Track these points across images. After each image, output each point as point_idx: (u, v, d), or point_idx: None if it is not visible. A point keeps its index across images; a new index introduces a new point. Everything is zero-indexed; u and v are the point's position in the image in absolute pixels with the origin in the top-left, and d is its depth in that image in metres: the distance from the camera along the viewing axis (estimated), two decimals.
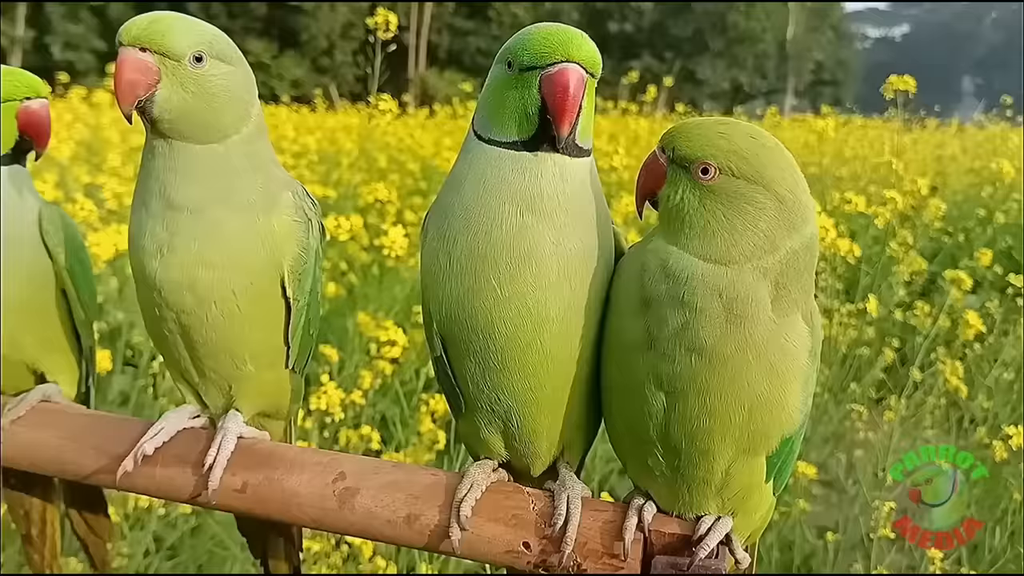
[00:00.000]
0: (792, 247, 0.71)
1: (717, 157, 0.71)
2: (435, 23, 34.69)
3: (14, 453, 0.95)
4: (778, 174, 0.71)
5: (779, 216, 0.71)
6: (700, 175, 0.72)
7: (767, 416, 0.73)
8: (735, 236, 0.71)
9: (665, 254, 0.73)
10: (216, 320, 0.85)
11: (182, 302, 0.85)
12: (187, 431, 0.91)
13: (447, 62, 34.37)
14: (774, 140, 0.73)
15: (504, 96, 0.77)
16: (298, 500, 0.84)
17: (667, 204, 0.74)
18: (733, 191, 0.71)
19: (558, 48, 0.74)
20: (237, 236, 0.84)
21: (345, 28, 30.36)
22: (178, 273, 0.83)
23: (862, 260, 2.98)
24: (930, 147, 8.13)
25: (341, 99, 13.85)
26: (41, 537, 1.13)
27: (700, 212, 0.72)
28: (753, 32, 37.66)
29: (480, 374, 0.80)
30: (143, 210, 0.85)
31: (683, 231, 0.73)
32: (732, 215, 0.71)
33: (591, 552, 0.77)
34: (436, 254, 0.79)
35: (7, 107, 0.97)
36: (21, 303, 0.98)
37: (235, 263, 0.84)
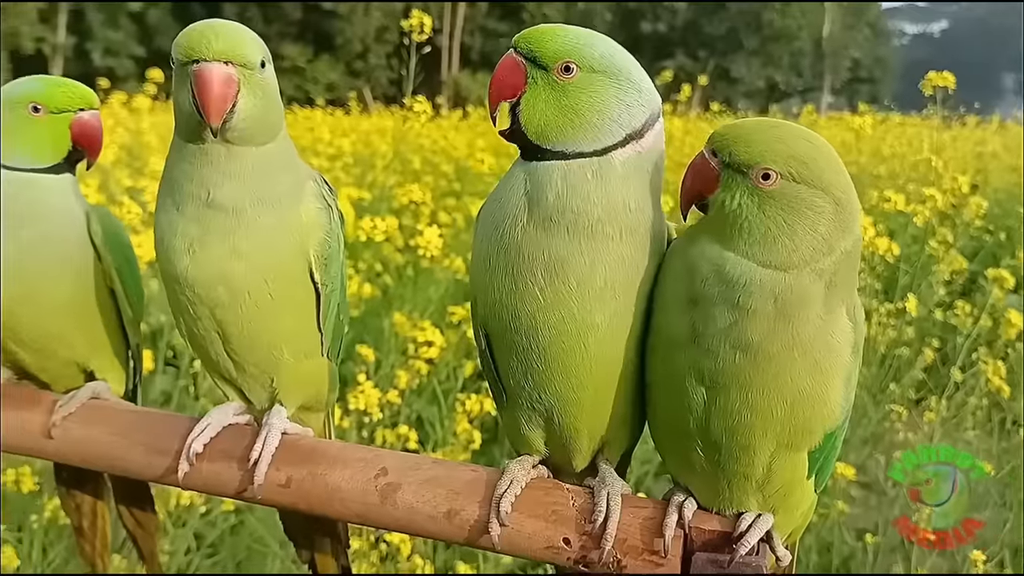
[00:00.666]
0: (845, 247, 0.71)
1: (777, 162, 0.70)
2: (468, 25, 34.81)
3: (66, 449, 0.97)
4: (834, 177, 0.71)
5: (836, 219, 0.71)
6: (760, 180, 0.70)
7: (809, 411, 0.73)
8: (795, 241, 0.70)
9: (720, 260, 0.72)
10: (251, 311, 0.87)
11: (216, 296, 0.87)
12: (232, 427, 0.93)
13: (480, 64, 34.44)
14: (824, 141, 0.73)
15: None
16: (341, 495, 0.86)
17: (722, 209, 0.73)
18: (794, 196, 0.70)
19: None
20: (269, 228, 0.86)
21: (379, 32, 30.58)
22: (210, 268, 0.85)
23: (901, 259, 2.94)
24: (970, 144, 7.99)
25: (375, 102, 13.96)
26: (92, 529, 1.16)
27: (760, 218, 0.71)
28: (789, 30, 37.29)
29: (522, 372, 0.80)
30: (173, 211, 0.87)
31: (741, 236, 0.72)
32: (793, 220, 0.70)
33: (631, 549, 0.77)
34: (480, 252, 0.80)
35: (62, 118, 1.00)
36: (71, 303, 1.01)
37: (266, 253, 0.86)
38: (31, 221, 0.97)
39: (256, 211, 0.85)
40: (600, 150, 0.75)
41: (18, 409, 1.01)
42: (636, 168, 0.76)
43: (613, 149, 0.76)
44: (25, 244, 0.97)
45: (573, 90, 0.75)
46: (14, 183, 0.98)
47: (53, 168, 1.00)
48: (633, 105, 0.76)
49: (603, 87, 0.75)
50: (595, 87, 0.75)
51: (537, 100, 0.76)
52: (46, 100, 0.99)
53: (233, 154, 0.85)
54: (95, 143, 1.02)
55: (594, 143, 0.75)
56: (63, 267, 0.99)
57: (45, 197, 0.99)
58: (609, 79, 0.76)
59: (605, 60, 0.76)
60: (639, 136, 0.76)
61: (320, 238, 0.90)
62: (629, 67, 0.77)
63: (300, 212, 0.88)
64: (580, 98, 0.75)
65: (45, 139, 0.99)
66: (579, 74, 0.75)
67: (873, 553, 2.44)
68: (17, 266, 0.97)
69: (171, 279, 0.88)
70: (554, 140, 0.76)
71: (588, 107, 0.75)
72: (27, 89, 1.00)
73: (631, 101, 0.76)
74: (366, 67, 29.95)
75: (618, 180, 0.75)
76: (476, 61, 34.78)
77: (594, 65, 0.75)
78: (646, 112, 0.77)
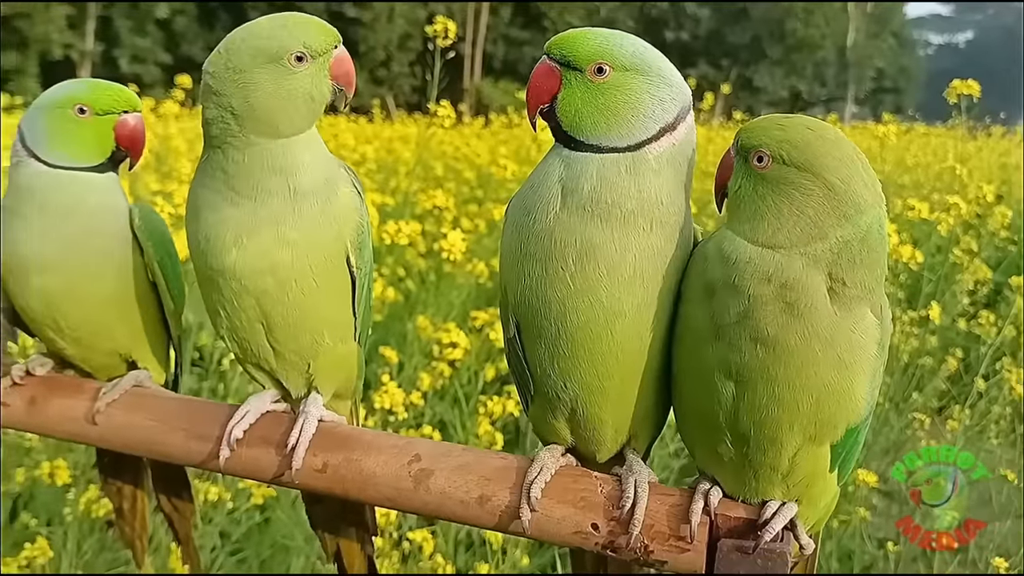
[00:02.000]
0: (843, 236, 0.73)
1: (770, 145, 0.74)
2: (490, 33, 34.93)
3: (109, 434, 1.01)
4: (832, 163, 0.73)
5: (827, 203, 0.72)
6: (755, 163, 0.75)
7: (834, 406, 0.75)
8: (781, 220, 0.73)
9: (721, 238, 0.76)
10: (296, 298, 0.90)
11: (263, 286, 0.89)
12: (270, 414, 0.96)
13: (502, 72, 34.56)
14: (836, 133, 0.75)
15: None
16: (375, 480, 0.88)
17: (731, 193, 0.78)
18: (782, 178, 0.73)
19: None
20: (314, 216, 0.89)
21: (402, 39, 30.74)
22: (259, 258, 0.88)
23: (925, 268, 2.93)
24: (995, 155, 7.94)
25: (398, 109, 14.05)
26: (132, 512, 1.20)
27: (752, 198, 0.75)
28: (812, 39, 37.12)
29: (549, 360, 0.82)
30: (219, 206, 0.89)
31: (737, 216, 0.76)
32: (780, 200, 0.73)
33: (658, 534, 0.79)
34: (511, 240, 0.83)
35: (106, 120, 1.03)
36: (116, 295, 1.04)
37: (312, 241, 0.89)
38: (75, 217, 1.01)
39: (303, 201, 0.89)
40: (634, 145, 0.78)
41: (63, 397, 1.04)
42: (669, 161, 0.79)
43: (647, 143, 0.79)
44: (69, 239, 1.01)
45: (608, 89, 0.79)
46: (59, 180, 1.01)
47: (97, 167, 1.04)
48: (666, 100, 0.79)
49: (636, 84, 0.78)
50: (628, 85, 0.78)
51: (573, 100, 0.80)
52: (92, 102, 1.02)
53: (288, 147, 0.88)
54: (138, 144, 1.06)
55: (628, 139, 0.78)
56: (105, 261, 1.03)
57: (89, 194, 1.03)
58: (641, 76, 0.79)
59: (636, 58, 0.79)
60: (672, 129, 0.79)
61: (356, 223, 0.93)
62: (659, 63, 0.80)
63: (338, 199, 0.92)
64: (615, 96, 0.78)
65: (90, 139, 1.03)
66: (612, 74, 0.78)
67: (895, 561, 2.43)
68: (61, 260, 1.01)
69: (215, 273, 0.90)
70: (589, 135, 0.79)
71: (623, 105, 0.78)
72: (73, 91, 1.03)
73: (663, 96, 0.79)
74: (389, 75, 30.11)
75: (651, 174, 0.78)
76: (498, 69, 34.90)
77: (626, 64, 0.78)
78: (678, 105, 0.80)
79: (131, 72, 26.78)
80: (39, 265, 1.00)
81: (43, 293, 1.02)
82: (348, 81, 0.91)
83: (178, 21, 29.67)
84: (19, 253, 1.01)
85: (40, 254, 1.00)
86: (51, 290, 1.01)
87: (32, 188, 1.01)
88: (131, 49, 28.65)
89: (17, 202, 1.01)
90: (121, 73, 26.25)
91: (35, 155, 1.02)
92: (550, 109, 0.81)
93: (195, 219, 0.91)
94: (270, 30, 0.87)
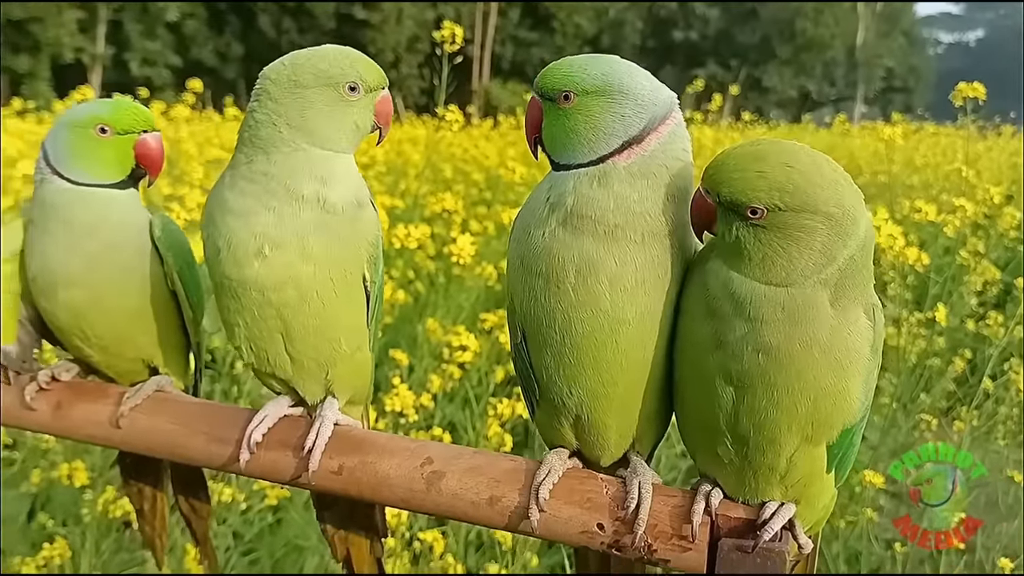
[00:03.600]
0: (848, 254, 0.75)
1: (761, 198, 0.74)
2: (499, 35, 34.96)
3: (132, 438, 1.04)
4: (823, 194, 0.74)
5: (832, 231, 0.74)
6: (751, 215, 0.75)
7: (831, 407, 0.78)
8: (793, 262, 0.75)
9: (727, 279, 0.78)
10: (317, 308, 0.93)
11: (285, 298, 0.92)
12: (287, 418, 1.00)
13: (510, 73, 34.59)
14: (809, 157, 0.76)
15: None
16: (389, 482, 0.91)
17: (724, 240, 0.78)
18: (783, 223, 0.75)
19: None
20: (338, 230, 0.93)
21: (411, 41, 30.82)
22: (282, 270, 0.91)
23: (932, 269, 2.94)
24: (1005, 155, 7.92)
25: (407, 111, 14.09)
26: (152, 512, 1.24)
27: (757, 245, 0.76)
28: (822, 39, 37.00)
29: (555, 368, 0.85)
30: (242, 213, 0.91)
31: (742, 261, 0.77)
32: (787, 244, 0.75)
33: (661, 534, 0.82)
34: (514, 255, 0.87)
35: (126, 139, 1.06)
36: (139, 306, 1.08)
37: (333, 255, 0.93)
38: (98, 232, 1.05)
39: (331, 215, 0.92)
40: (596, 160, 0.83)
41: (88, 401, 1.08)
42: (641, 171, 0.82)
43: (610, 157, 0.83)
44: (92, 254, 1.04)
45: (572, 113, 0.84)
46: (82, 197, 1.05)
47: (117, 184, 1.07)
48: (628, 115, 0.83)
49: (596, 105, 0.83)
50: (589, 107, 0.83)
51: (549, 127, 0.87)
52: (113, 122, 1.06)
53: (328, 159, 0.93)
54: (156, 162, 1.09)
55: (590, 154, 0.83)
56: (128, 274, 1.06)
57: (111, 210, 1.06)
58: (602, 96, 0.83)
59: (598, 80, 0.83)
60: (638, 141, 0.83)
61: (373, 236, 0.97)
62: (625, 81, 0.84)
63: (363, 217, 0.95)
64: (577, 119, 0.84)
65: (111, 158, 1.06)
66: (576, 99, 0.84)
67: (902, 563, 2.45)
68: (87, 274, 1.04)
69: (234, 283, 0.93)
70: (562, 156, 0.85)
71: (583, 125, 0.83)
72: (95, 111, 1.07)
73: (626, 112, 0.83)
74: (398, 77, 30.18)
75: (622, 184, 0.81)
76: (507, 70, 34.93)
77: (587, 88, 0.83)
78: (644, 118, 0.83)
79: (141, 75, 26.95)
80: (66, 279, 1.04)
81: (70, 305, 1.06)
82: (386, 121, 0.99)
83: (188, 24, 29.83)
84: (47, 267, 1.05)
85: (66, 268, 1.04)
86: (77, 302, 1.05)
87: (56, 205, 1.05)
88: (141, 52, 28.83)
89: (43, 218, 1.06)
90: (131, 76, 26.40)
91: (58, 172, 1.05)
92: (541, 137, 0.88)
93: (214, 224, 0.93)
94: (335, 58, 0.94)
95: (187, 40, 30.11)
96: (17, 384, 1.10)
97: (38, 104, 8.69)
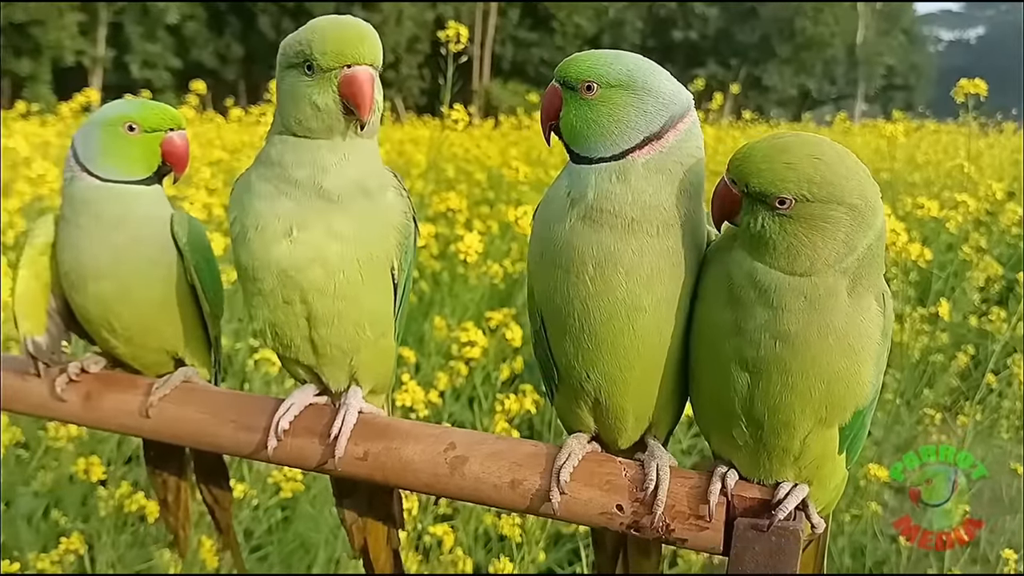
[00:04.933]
0: (867, 243, 0.78)
1: (790, 189, 0.77)
2: (499, 35, 34.98)
3: (161, 427, 1.07)
4: (848, 185, 0.77)
5: (854, 222, 0.77)
6: (778, 206, 0.78)
7: (844, 390, 0.80)
8: (817, 252, 0.77)
9: (751, 270, 0.80)
10: (343, 289, 0.95)
11: (311, 278, 0.94)
12: (313, 407, 1.02)
13: (510, 73, 34.63)
14: (833, 149, 0.78)
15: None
16: (414, 467, 0.94)
17: (749, 230, 0.80)
18: (810, 214, 0.77)
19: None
20: (362, 213, 0.95)
21: (411, 42, 30.83)
22: (309, 250, 0.93)
23: (934, 266, 2.97)
24: (1007, 151, 7.93)
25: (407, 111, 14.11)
26: (176, 502, 1.27)
27: (782, 236, 0.78)
28: (821, 37, 37.00)
29: (574, 354, 0.88)
30: (270, 199, 0.94)
31: (767, 251, 0.79)
32: (812, 234, 0.77)
33: (679, 514, 0.85)
34: (535, 248, 0.90)
35: (154, 137, 1.10)
36: (163, 298, 1.11)
37: (359, 236, 0.95)
38: (125, 227, 1.08)
39: (353, 197, 0.94)
40: (619, 154, 0.85)
41: (117, 392, 1.11)
42: (658, 167, 0.84)
43: (631, 152, 0.85)
44: (120, 247, 1.08)
45: (595, 104, 0.86)
46: (111, 193, 1.09)
47: (144, 180, 1.11)
48: (650, 111, 0.85)
49: (620, 99, 0.85)
50: (613, 100, 0.85)
51: (569, 116, 0.88)
52: (141, 120, 1.09)
53: (344, 145, 0.94)
54: (182, 160, 1.12)
55: (613, 148, 0.85)
56: (153, 268, 1.10)
57: (137, 206, 1.10)
58: (626, 91, 0.85)
59: (623, 75, 0.85)
60: (658, 137, 0.85)
61: (402, 224, 0.99)
62: (648, 77, 0.86)
63: (385, 200, 0.97)
64: (601, 111, 0.86)
65: (138, 155, 1.09)
66: (599, 91, 0.85)
67: (907, 556, 2.47)
68: (112, 267, 1.08)
69: (261, 266, 0.95)
70: (583, 147, 0.87)
71: (607, 118, 0.85)
72: (123, 110, 1.10)
73: (648, 108, 0.85)
74: (398, 77, 30.21)
75: (640, 179, 0.84)
76: (507, 70, 34.96)
77: (611, 81, 0.85)
78: (664, 115, 0.85)
79: (142, 77, 27.00)
80: (95, 272, 1.08)
81: (98, 297, 1.09)
82: (356, 102, 0.91)
83: (188, 26, 29.89)
84: (78, 261, 1.08)
85: (96, 262, 1.08)
86: (105, 295, 1.09)
87: (87, 200, 1.08)
88: (142, 55, 28.88)
89: (74, 213, 1.09)
90: (132, 79, 26.44)
91: (87, 169, 1.09)
92: (557, 125, 0.90)
93: (242, 206, 0.96)
94: (300, 35, 0.93)
95: (187, 42, 30.17)
96: (47, 376, 1.13)
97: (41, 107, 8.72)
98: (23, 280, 1.14)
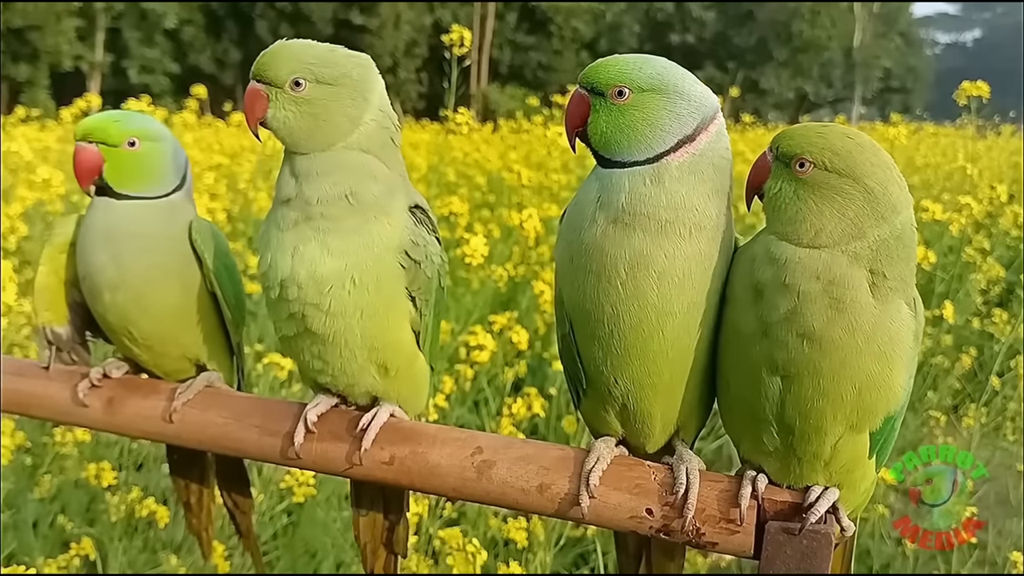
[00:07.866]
0: (880, 235, 0.79)
1: (813, 153, 0.80)
2: (496, 39, 34.98)
3: (184, 432, 1.07)
4: (870, 169, 0.79)
5: (866, 205, 0.79)
6: (797, 169, 0.81)
7: (875, 395, 0.81)
8: (823, 222, 0.79)
9: (767, 242, 0.82)
10: (337, 306, 0.94)
11: (306, 291, 0.94)
12: (338, 410, 1.03)
13: (508, 77, 34.64)
14: (871, 140, 0.81)
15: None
16: (440, 471, 0.94)
17: (768, 195, 0.84)
18: (824, 183, 0.79)
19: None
20: (353, 230, 0.94)
21: (409, 46, 30.85)
22: (305, 263, 0.93)
23: (937, 268, 2.97)
24: (1006, 154, 7.95)
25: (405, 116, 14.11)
26: (199, 504, 1.27)
27: (793, 201, 0.81)
28: (818, 40, 37.04)
29: (602, 358, 0.88)
30: (281, 219, 0.95)
31: (778, 219, 0.82)
32: (821, 204, 0.79)
33: (709, 518, 0.85)
34: (563, 253, 0.90)
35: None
36: (182, 307, 1.11)
37: (352, 253, 0.94)
38: (131, 241, 1.08)
39: (340, 211, 0.94)
40: (653, 157, 0.85)
41: (140, 397, 1.11)
42: (691, 169, 0.85)
43: (665, 155, 0.85)
44: (131, 258, 1.08)
45: (628, 109, 0.86)
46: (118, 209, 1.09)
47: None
48: (683, 114, 0.85)
49: (653, 103, 0.85)
50: (646, 104, 0.85)
51: (599, 122, 0.87)
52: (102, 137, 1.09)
53: (322, 158, 0.94)
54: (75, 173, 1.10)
55: (648, 152, 0.85)
56: (168, 277, 1.10)
57: (146, 222, 1.10)
58: (658, 94, 0.85)
59: (654, 79, 0.86)
60: (691, 140, 0.85)
61: (407, 246, 0.97)
62: (678, 80, 0.86)
63: (386, 222, 0.96)
64: (634, 115, 0.85)
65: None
66: (631, 96, 0.85)
67: (913, 559, 2.47)
68: (125, 280, 1.08)
69: (276, 284, 0.95)
70: (615, 152, 0.87)
71: (641, 122, 0.85)
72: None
73: (680, 111, 0.85)
74: (396, 81, 30.19)
75: (674, 182, 0.84)
76: (505, 74, 34.96)
77: (643, 85, 0.85)
78: (697, 118, 0.85)
79: (140, 82, 26.97)
80: (109, 283, 1.08)
81: (115, 307, 1.09)
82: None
83: (186, 31, 29.87)
84: (91, 271, 1.09)
85: (105, 273, 1.08)
86: (122, 305, 1.09)
87: (94, 217, 1.10)
88: (140, 60, 28.84)
89: (87, 226, 1.10)
90: (130, 84, 26.42)
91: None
92: (584, 131, 0.89)
93: (266, 244, 0.97)
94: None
95: (185, 47, 30.15)
96: (69, 382, 1.12)
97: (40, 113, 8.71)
98: (43, 275, 1.15)
